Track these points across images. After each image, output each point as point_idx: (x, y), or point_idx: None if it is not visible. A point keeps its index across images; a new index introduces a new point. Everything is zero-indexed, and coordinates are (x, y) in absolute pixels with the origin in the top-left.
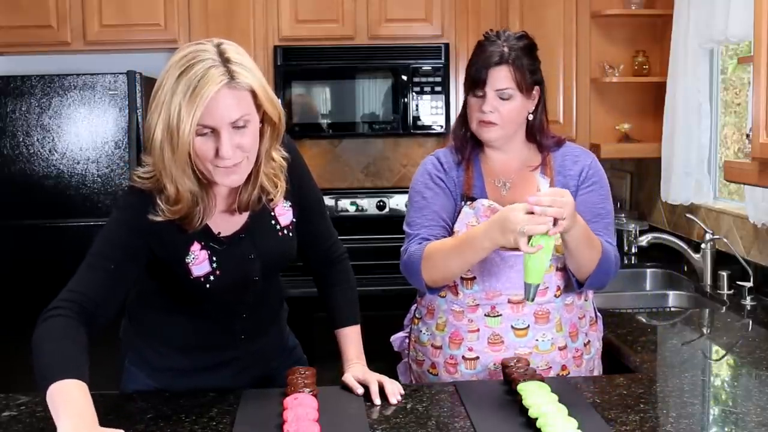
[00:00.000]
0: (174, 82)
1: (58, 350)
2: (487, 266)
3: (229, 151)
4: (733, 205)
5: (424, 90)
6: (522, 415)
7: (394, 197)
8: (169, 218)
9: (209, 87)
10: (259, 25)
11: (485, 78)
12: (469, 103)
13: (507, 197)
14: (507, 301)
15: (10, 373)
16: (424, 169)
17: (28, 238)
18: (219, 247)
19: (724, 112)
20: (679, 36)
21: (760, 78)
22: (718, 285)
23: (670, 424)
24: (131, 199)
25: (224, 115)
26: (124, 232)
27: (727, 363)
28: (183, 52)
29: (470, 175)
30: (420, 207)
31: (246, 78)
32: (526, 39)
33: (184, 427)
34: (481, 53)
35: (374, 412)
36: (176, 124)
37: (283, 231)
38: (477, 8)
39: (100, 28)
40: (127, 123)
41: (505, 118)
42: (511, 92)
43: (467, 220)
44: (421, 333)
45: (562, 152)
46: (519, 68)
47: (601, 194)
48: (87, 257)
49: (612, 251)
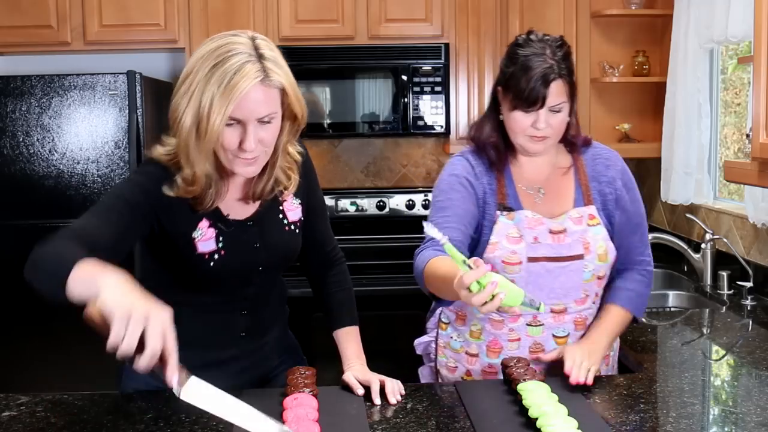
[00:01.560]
0: (208, 71)
1: (68, 249)
2: (533, 278)
3: (252, 144)
4: (733, 205)
5: (424, 90)
6: (522, 415)
7: (394, 197)
8: (181, 196)
9: (244, 82)
10: (259, 25)
11: (544, 97)
12: (514, 118)
13: (542, 205)
14: (549, 311)
15: (10, 373)
16: (452, 169)
17: (28, 238)
18: (226, 228)
19: (724, 112)
20: (679, 36)
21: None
22: (718, 285)
23: (670, 424)
24: (149, 168)
25: (254, 110)
26: (136, 191)
27: (727, 363)
28: (217, 42)
29: (503, 183)
30: (443, 207)
31: (279, 77)
32: (566, 44)
33: (184, 427)
34: (529, 69)
35: (374, 412)
36: (207, 114)
37: (290, 226)
38: (477, 8)
39: (100, 28)
40: (127, 123)
41: (556, 130)
42: (563, 105)
43: (507, 231)
44: (452, 339)
45: (591, 154)
46: (568, 79)
47: (637, 200)
48: (92, 207)
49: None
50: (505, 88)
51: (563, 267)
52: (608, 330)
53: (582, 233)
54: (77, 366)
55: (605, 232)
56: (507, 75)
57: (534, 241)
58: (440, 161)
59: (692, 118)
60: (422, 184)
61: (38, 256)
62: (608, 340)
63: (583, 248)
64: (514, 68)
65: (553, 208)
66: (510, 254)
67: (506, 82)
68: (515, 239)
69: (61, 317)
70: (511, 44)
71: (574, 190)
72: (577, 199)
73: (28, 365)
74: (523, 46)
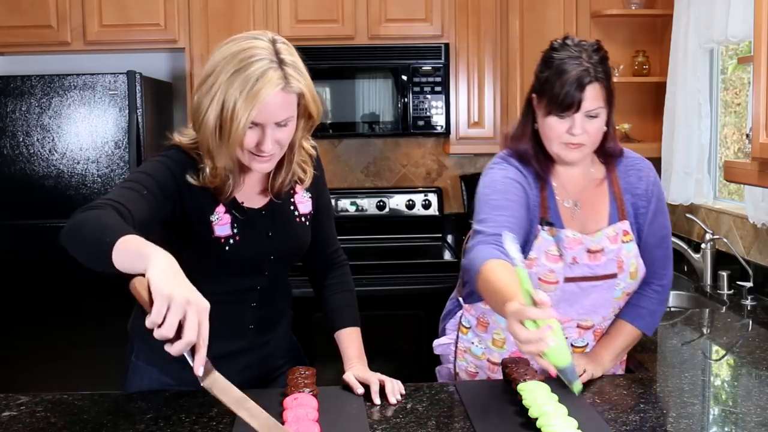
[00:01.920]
0: (231, 75)
1: (111, 218)
2: (565, 296)
3: (270, 146)
4: (733, 205)
5: (424, 90)
6: (522, 415)
7: (394, 197)
8: (203, 185)
9: (267, 89)
10: (259, 25)
11: (580, 101)
12: (549, 124)
13: (578, 219)
14: (576, 326)
15: (10, 373)
16: (505, 172)
17: (28, 238)
18: (241, 216)
19: (724, 112)
20: (679, 36)
21: (760, 78)
22: (718, 285)
23: (670, 424)
24: (174, 153)
25: (274, 114)
26: (163, 170)
27: (727, 363)
28: (239, 45)
29: (545, 196)
30: (499, 206)
31: (299, 83)
32: (602, 49)
33: (184, 427)
34: (564, 72)
35: (374, 412)
36: (230, 117)
37: (301, 218)
38: (477, 8)
39: (100, 28)
40: (127, 123)
41: (593, 137)
42: (599, 110)
43: (546, 248)
44: (473, 345)
45: (624, 165)
46: (605, 84)
47: (665, 212)
48: (121, 182)
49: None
50: (540, 93)
51: (596, 285)
52: (616, 347)
53: (617, 251)
54: (77, 366)
55: (636, 249)
56: (541, 80)
57: (572, 262)
58: (440, 161)
59: (692, 118)
60: (422, 184)
61: (80, 223)
62: (614, 358)
63: (617, 267)
64: (548, 72)
65: (589, 223)
66: (548, 272)
67: (541, 87)
68: (554, 257)
69: (61, 317)
70: (547, 49)
71: (609, 204)
72: (612, 213)
73: (28, 365)
74: (559, 50)
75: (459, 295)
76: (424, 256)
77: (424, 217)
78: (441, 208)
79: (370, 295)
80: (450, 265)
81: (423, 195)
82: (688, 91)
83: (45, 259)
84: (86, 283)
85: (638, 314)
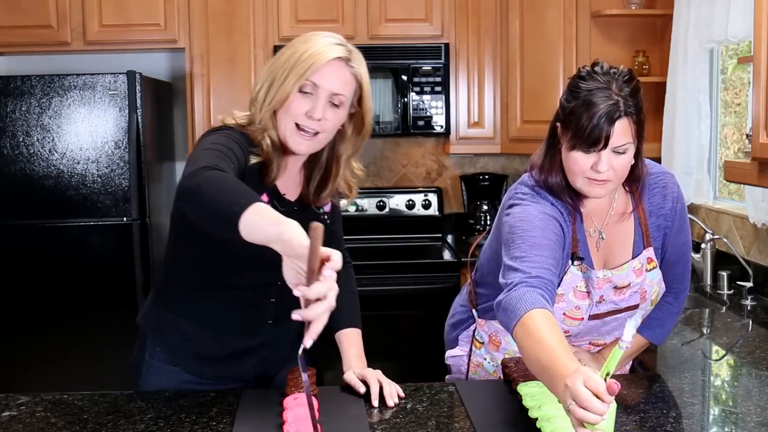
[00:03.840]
0: (296, 47)
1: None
2: (586, 329)
3: (320, 113)
4: (733, 205)
5: (424, 90)
6: (522, 415)
7: (394, 197)
8: (260, 160)
9: (331, 53)
10: (259, 25)
11: (608, 137)
12: (574, 158)
13: (603, 249)
14: (588, 343)
15: (10, 373)
16: (541, 207)
17: (28, 238)
18: (281, 207)
19: (724, 112)
20: (679, 36)
21: (760, 78)
22: (718, 285)
23: (670, 424)
24: (231, 131)
25: (331, 80)
26: (234, 145)
27: (727, 363)
28: (311, 33)
29: (575, 229)
30: (540, 245)
31: (360, 68)
32: (634, 79)
33: (184, 427)
34: (591, 106)
35: (374, 413)
36: (288, 72)
37: (324, 215)
38: (477, 8)
39: (100, 28)
40: (127, 123)
41: (619, 173)
42: (627, 146)
43: (575, 284)
44: (485, 360)
45: (648, 184)
46: (636, 118)
47: (687, 227)
48: (200, 151)
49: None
50: (565, 124)
51: (617, 317)
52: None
53: (641, 283)
54: (77, 366)
55: (659, 275)
56: (567, 110)
57: (599, 300)
58: (440, 161)
59: (692, 118)
60: (422, 184)
61: (207, 182)
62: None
63: (640, 298)
64: (575, 103)
65: (614, 255)
66: (574, 309)
67: (566, 117)
68: (582, 294)
69: (61, 317)
70: (574, 76)
71: (634, 233)
72: (637, 242)
73: (28, 365)
74: (587, 79)
75: (472, 306)
76: (424, 256)
77: (424, 217)
78: (441, 208)
79: (370, 295)
80: (450, 265)
81: (423, 195)
82: (688, 91)
83: (45, 259)
84: (86, 283)
85: (649, 326)
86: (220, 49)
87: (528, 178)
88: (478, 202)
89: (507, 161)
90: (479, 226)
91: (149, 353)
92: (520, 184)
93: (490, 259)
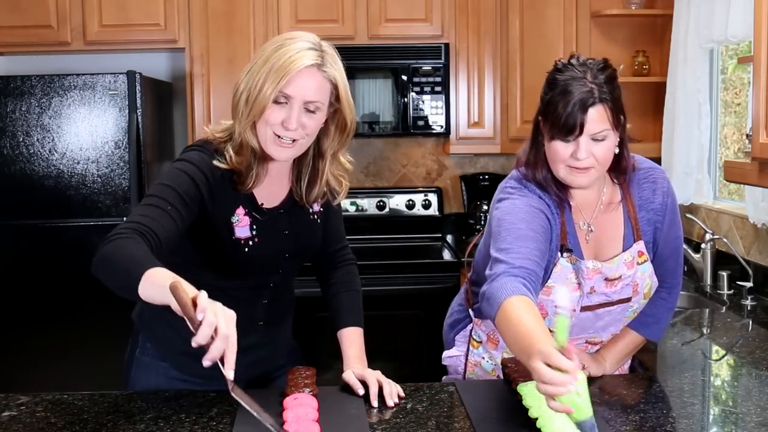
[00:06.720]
0: (269, 53)
1: (139, 250)
2: (580, 323)
3: (294, 123)
4: (733, 205)
5: (424, 90)
6: (522, 415)
7: (394, 197)
8: (231, 167)
9: (301, 60)
10: (259, 25)
11: (582, 123)
12: (553, 148)
13: (591, 243)
14: (585, 342)
15: (10, 373)
16: (527, 200)
17: (28, 238)
18: (260, 217)
19: (724, 112)
20: (679, 36)
21: (760, 78)
22: (718, 285)
23: (670, 424)
24: (193, 153)
25: (304, 88)
26: (183, 178)
27: (727, 363)
28: (283, 35)
29: (564, 221)
30: (525, 237)
31: (333, 70)
32: (609, 68)
33: (184, 427)
34: (567, 94)
35: (374, 412)
36: (261, 84)
37: (314, 215)
38: (477, 8)
39: (100, 28)
40: (127, 123)
41: (600, 161)
42: (605, 133)
43: (566, 275)
44: (483, 359)
45: (637, 179)
46: (611, 105)
47: (678, 222)
48: (145, 199)
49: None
50: (544, 116)
51: (610, 310)
52: (619, 351)
53: (633, 276)
54: (77, 366)
55: (651, 268)
56: (545, 102)
57: (590, 291)
58: (440, 161)
59: (692, 118)
60: (422, 184)
61: (110, 254)
62: (616, 362)
63: (632, 291)
64: (551, 94)
65: (604, 248)
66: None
67: (545, 109)
68: (572, 286)
69: (61, 317)
70: (551, 70)
71: (624, 226)
72: (627, 235)
73: (28, 365)
74: (562, 70)
75: (469, 306)
76: (423, 256)
77: (424, 217)
78: (441, 208)
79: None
80: (450, 265)
81: (423, 195)
82: (688, 91)
83: (45, 259)
84: (86, 283)
85: (644, 323)
86: (220, 49)
87: (516, 172)
88: (478, 202)
89: (507, 161)
90: (479, 226)
91: (140, 349)
92: (509, 178)
93: (484, 257)
